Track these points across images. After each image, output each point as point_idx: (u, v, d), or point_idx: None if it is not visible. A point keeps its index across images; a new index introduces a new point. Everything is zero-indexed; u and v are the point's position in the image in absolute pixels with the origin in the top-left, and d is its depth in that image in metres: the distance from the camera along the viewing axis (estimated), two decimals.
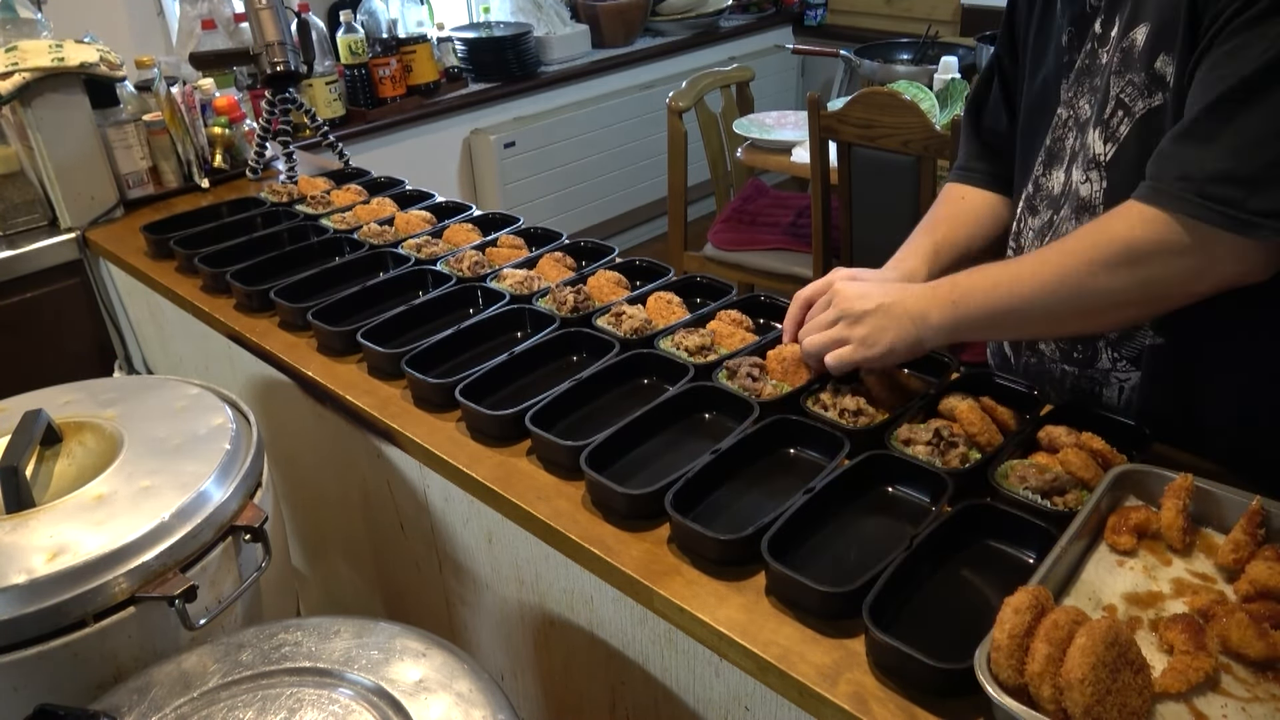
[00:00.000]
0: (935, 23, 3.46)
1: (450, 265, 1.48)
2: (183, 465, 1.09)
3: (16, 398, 1.25)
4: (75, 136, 1.85)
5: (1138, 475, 0.93)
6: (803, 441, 1.07)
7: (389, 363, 1.25)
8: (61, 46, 1.81)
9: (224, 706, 0.85)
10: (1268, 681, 0.75)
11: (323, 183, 1.88)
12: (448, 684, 0.86)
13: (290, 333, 1.42)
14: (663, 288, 1.37)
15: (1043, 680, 0.71)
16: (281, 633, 0.93)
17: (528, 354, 1.24)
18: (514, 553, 1.15)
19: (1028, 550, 0.90)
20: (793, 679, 0.81)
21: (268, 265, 1.56)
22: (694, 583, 0.91)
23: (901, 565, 0.85)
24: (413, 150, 3.21)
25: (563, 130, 3.53)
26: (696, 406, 1.14)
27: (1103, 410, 1.06)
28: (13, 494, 1.03)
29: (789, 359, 1.15)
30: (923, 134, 2.17)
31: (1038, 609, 0.75)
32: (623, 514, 0.99)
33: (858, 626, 0.82)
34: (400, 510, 1.35)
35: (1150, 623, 0.81)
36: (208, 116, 2.08)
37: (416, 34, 3.20)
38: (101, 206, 1.92)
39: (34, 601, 0.93)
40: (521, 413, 1.09)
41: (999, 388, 1.11)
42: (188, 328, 1.70)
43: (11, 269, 1.87)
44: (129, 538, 0.98)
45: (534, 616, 1.18)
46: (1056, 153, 1.11)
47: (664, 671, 1.01)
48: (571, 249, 1.55)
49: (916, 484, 0.99)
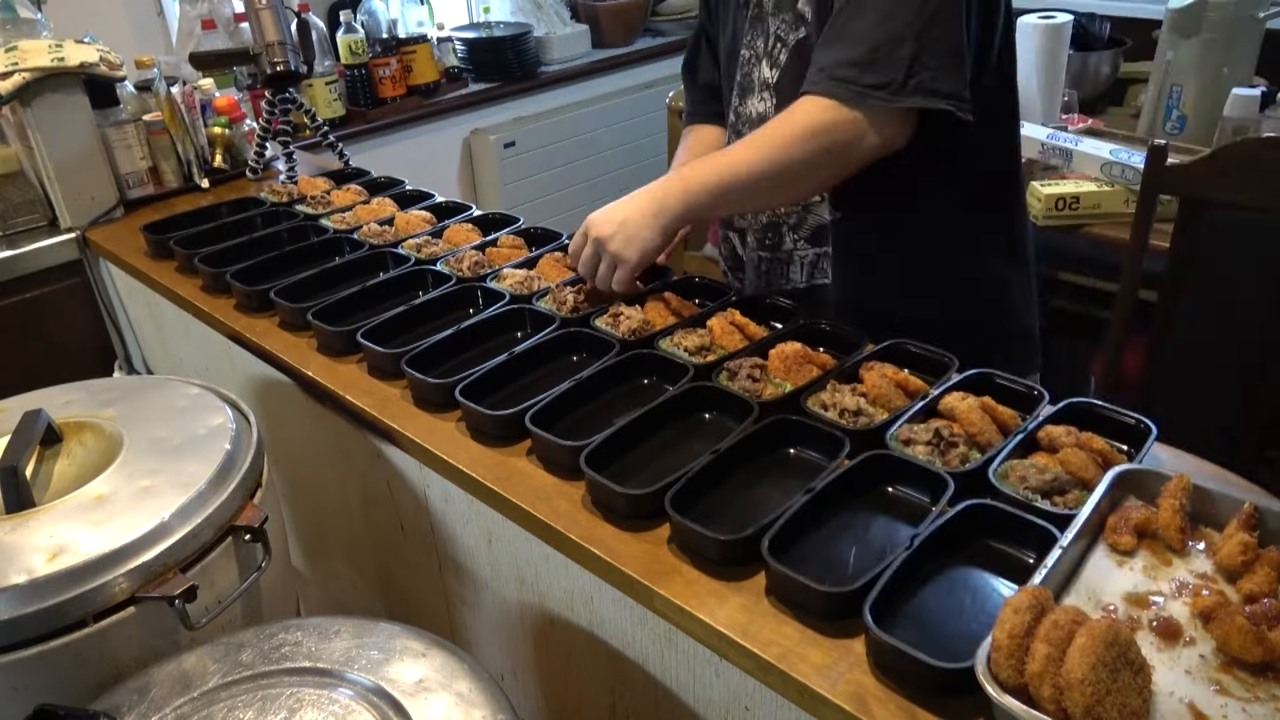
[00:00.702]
0: None
1: (450, 265, 1.48)
2: (183, 465, 1.09)
3: (16, 398, 1.25)
4: (75, 136, 1.85)
5: (1138, 475, 0.93)
6: (803, 441, 1.07)
7: (389, 363, 1.25)
8: (61, 46, 1.81)
9: (224, 706, 0.85)
10: (1268, 682, 0.75)
11: (323, 183, 1.88)
12: (448, 684, 0.86)
13: (290, 333, 1.42)
14: (662, 288, 1.36)
15: (1043, 680, 0.71)
16: (281, 633, 0.93)
17: (528, 354, 1.24)
18: (514, 553, 1.15)
19: (1028, 550, 0.90)
20: (793, 679, 0.81)
21: (268, 265, 1.56)
22: (694, 583, 0.91)
23: (902, 565, 0.85)
24: (413, 150, 3.21)
25: (563, 130, 3.52)
26: (696, 406, 1.14)
27: (1100, 409, 1.06)
28: (13, 494, 1.03)
29: (790, 358, 1.15)
30: None
31: (1038, 609, 0.75)
32: (623, 514, 0.99)
33: (858, 626, 0.82)
34: (400, 510, 1.35)
35: (1151, 622, 0.81)
36: (208, 116, 2.08)
37: (416, 34, 3.20)
38: (101, 206, 1.92)
39: (34, 601, 0.93)
40: (521, 413, 1.09)
41: (999, 388, 1.11)
42: (188, 328, 1.70)
43: (11, 269, 1.87)
44: (129, 538, 0.98)
45: (534, 616, 1.18)
46: (746, 85, 1.38)
47: (664, 672, 1.01)
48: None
49: (916, 484, 0.99)
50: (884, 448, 1.01)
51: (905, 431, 1.03)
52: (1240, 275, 1.85)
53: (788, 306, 1.31)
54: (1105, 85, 2.72)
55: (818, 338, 1.25)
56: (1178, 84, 2.38)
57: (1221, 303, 1.89)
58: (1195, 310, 1.93)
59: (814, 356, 1.18)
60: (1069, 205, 2.09)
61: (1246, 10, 2.26)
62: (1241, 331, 1.88)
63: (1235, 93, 2.09)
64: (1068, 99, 2.43)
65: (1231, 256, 1.85)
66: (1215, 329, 1.92)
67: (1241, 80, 2.29)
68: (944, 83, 1.13)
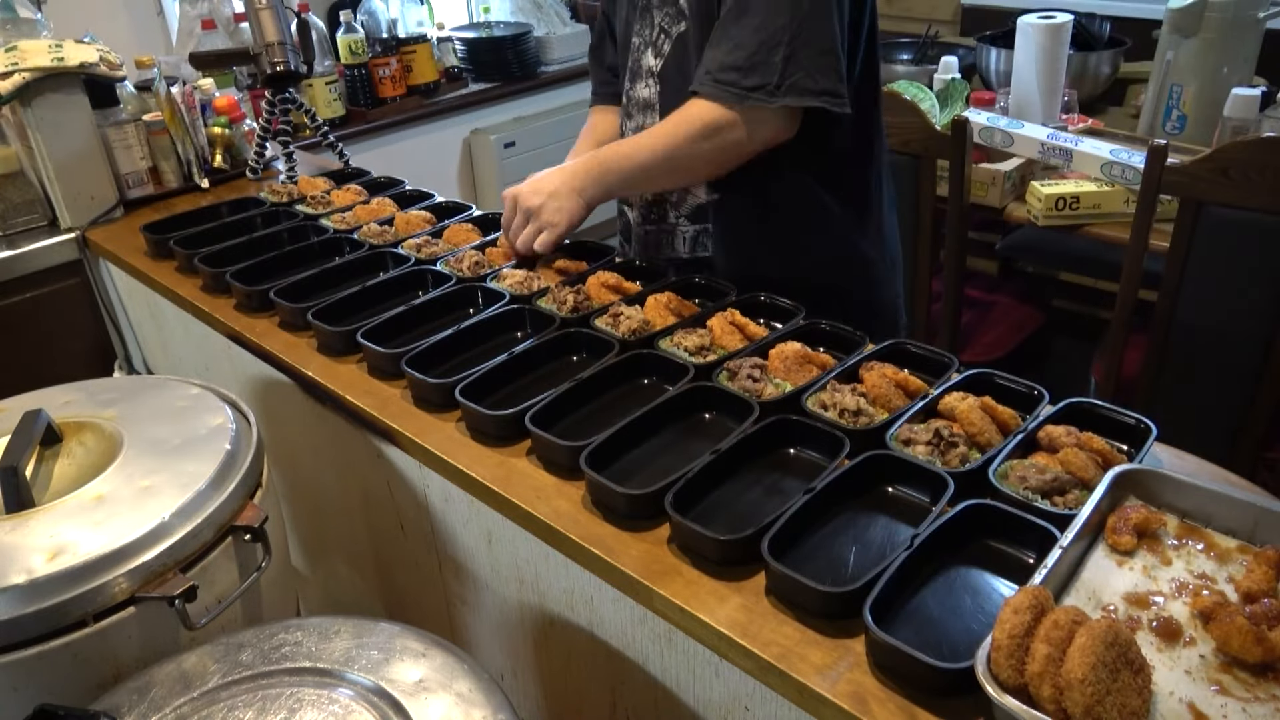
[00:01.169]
0: (935, 23, 3.46)
1: (450, 265, 1.48)
2: (183, 465, 1.09)
3: (16, 398, 1.25)
4: (75, 136, 1.85)
5: (1138, 475, 0.93)
6: (803, 441, 1.07)
7: (389, 363, 1.25)
8: (61, 46, 1.81)
9: (224, 706, 0.85)
10: (1268, 682, 0.75)
11: (323, 183, 1.88)
12: (448, 684, 0.86)
13: (290, 333, 1.42)
14: (662, 288, 1.37)
15: (1043, 680, 0.71)
16: (281, 633, 0.93)
17: (528, 354, 1.24)
18: (514, 553, 1.15)
19: (1028, 550, 0.90)
20: (793, 679, 0.81)
21: (268, 265, 1.56)
22: (694, 583, 0.91)
23: (902, 565, 0.85)
24: (413, 150, 3.21)
25: (563, 130, 3.53)
26: (696, 406, 1.14)
27: (1100, 409, 1.06)
28: (13, 494, 1.03)
29: (790, 358, 1.15)
30: (923, 134, 2.17)
31: (1038, 609, 0.75)
32: (623, 514, 0.99)
33: (858, 626, 0.82)
34: (400, 510, 1.35)
35: (1151, 622, 0.81)
36: (208, 116, 2.08)
37: (416, 34, 3.20)
38: (101, 206, 1.92)
39: (34, 601, 0.93)
40: (521, 413, 1.09)
41: (999, 388, 1.11)
42: (188, 328, 1.70)
43: (11, 269, 1.87)
44: (129, 538, 0.98)
45: (534, 616, 1.18)
46: (635, 71, 1.50)
47: (664, 671, 1.01)
48: (571, 249, 1.55)
49: (916, 484, 0.99)
50: (884, 448, 1.01)
51: (905, 431, 1.03)
52: (1240, 275, 1.85)
53: (788, 306, 1.31)
54: (1105, 85, 2.73)
55: (818, 338, 1.25)
56: (1178, 84, 2.38)
57: (1221, 303, 1.90)
58: (1195, 310, 1.93)
59: (814, 356, 1.18)
60: (1069, 205, 2.09)
61: (1246, 10, 2.26)
62: (1241, 331, 1.88)
63: (1235, 93, 2.09)
64: (1068, 99, 2.44)
65: (1231, 256, 1.85)
66: (1215, 329, 1.92)
67: (1241, 80, 2.29)
68: (817, 81, 1.26)
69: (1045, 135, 2.19)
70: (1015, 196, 2.26)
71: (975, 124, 2.21)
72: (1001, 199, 2.23)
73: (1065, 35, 2.33)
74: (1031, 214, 2.17)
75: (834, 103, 1.27)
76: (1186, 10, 2.31)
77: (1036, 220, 2.14)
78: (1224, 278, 1.87)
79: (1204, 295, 1.91)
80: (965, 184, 2.18)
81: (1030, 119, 2.34)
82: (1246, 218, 1.80)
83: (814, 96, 1.26)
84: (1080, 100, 2.53)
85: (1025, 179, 2.26)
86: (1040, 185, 2.13)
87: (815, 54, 1.25)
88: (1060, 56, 2.35)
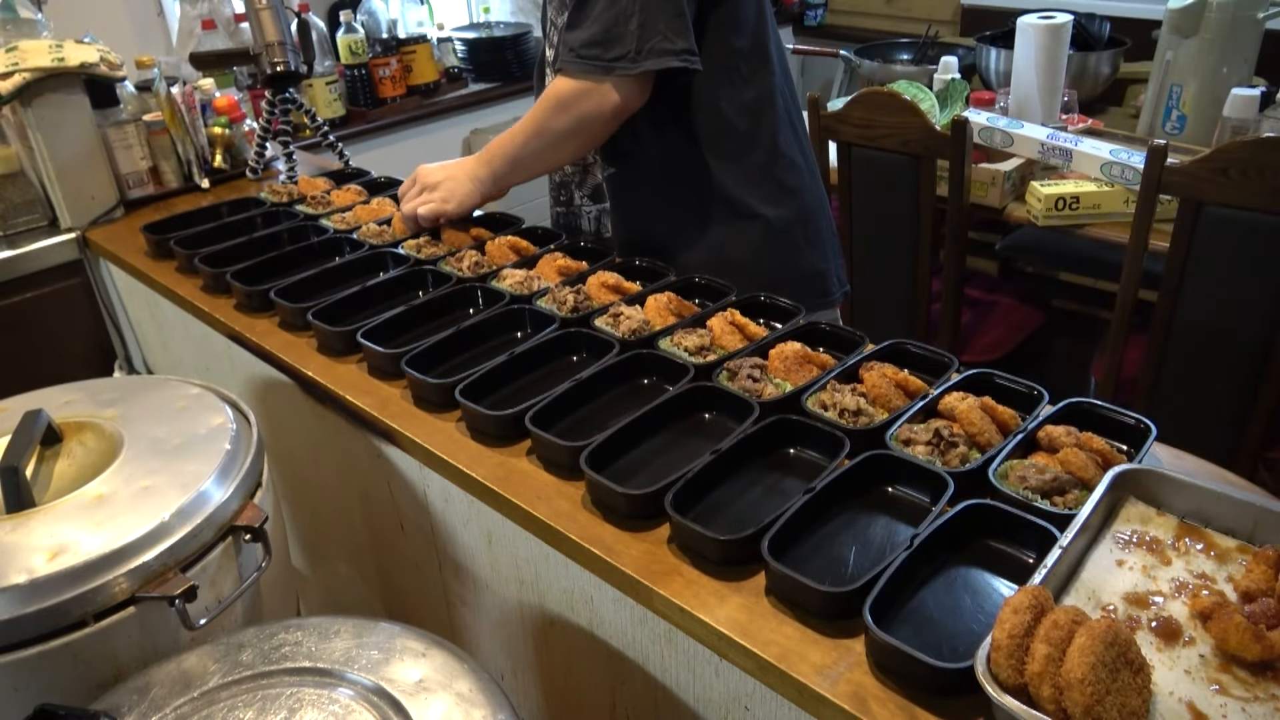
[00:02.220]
0: (935, 23, 3.47)
1: (450, 265, 1.48)
2: (183, 465, 1.09)
3: (16, 398, 1.25)
4: (75, 136, 1.85)
5: (1137, 475, 0.93)
6: (803, 441, 1.07)
7: (389, 363, 1.25)
8: (61, 46, 1.81)
9: (224, 706, 0.85)
10: (1267, 681, 0.75)
11: (323, 183, 1.88)
12: (448, 684, 0.86)
13: (290, 333, 1.42)
14: (662, 288, 1.37)
15: (1043, 680, 0.71)
16: (281, 633, 0.93)
17: (528, 354, 1.24)
18: (514, 553, 1.15)
19: (1028, 550, 0.90)
20: (793, 679, 0.81)
21: (268, 265, 1.56)
22: (694, 583, 0.91)
23: (902, 565, 0.85)
24: (413, 150, 3.21)
25: None
26: (696, 406, 1.14)
27: (1100, 409, 1.06)
28: (13, 494, 1.03)
29: (790, 358, 1.15)
30: (923, 134, 2.17)
31: (1038, 609, 0.75)
32: (623, 514, 0.99)
33: (858, 626, 0.82)
34: (400, 510, 1.35)
35: (1150, 622, 0.81)
36: (208, 116, 2.08)
37: (416, 34, 3.20)
38: (101, 206, 1.92)
39: (34, 601, 0.93)
40: (521, 413, 1.09)
41: (999, 388, 1.12)
42: (188, 328, 1.70)
43: (11, 269, 1.87)
44: (129, 538, 0.98)
45: (534, 616, 1.18)
46: (544, 63, 1.61)
47: (664, 671, 1.01)
48: (571, 249, 1.55)
49: (916, 484, 0.99)
50: (884, 448, 1.01)
51: (905, 431, 1.03)
52: (1240, 275, 1.85)
53: (788, 306, 1.31)
54: (1105, 85, 2.73)
55: (818, 338, 1.25)
56: (1177, 84, 2.38)
57: (1221, 303, 1.90)
58: (1195, 310, 1.93)
59: (814, 356, 1.18)
60: (1069, 205, 2.09)
61: (1246, 10, 2.26)
62: (1241, 331, 1.88)
63: (1235, 93, 2.09)
64: (1068, 99, 2.44)
65: (1231, 256, 1.85)
66: (1215, 329, 1.92)
67: (1241, 80, 2.29)
68: (674, 43, 1.34)
69: (1045, 135, 2.19)
70: (1015, 196, 2.26)
71: (975, 124, 2.21)
72: (1001, 199, 2.23)
73: (1065, 35, 2.33)
74: (1031, 214, 2.17)
75: (690, 61, 1.35)
76: (1186, 10, 2.31)
77: (1036, 220, 2.14)
78: (1224, 278, 1.87)
79: (1204, 295, 1.91)
80: (965, 184, 2.18)
81: (1030, 119, 2.35)
82: (1246, 218, 1.80)
83: (674, 57, 1.34)
84: (1080, 100, 2.53)
85: (1025, 179, 2.26)
86: (1040, 185, 2.13)
87: (666, 17, 1.33)
88: (1060, 56, 2.35)
